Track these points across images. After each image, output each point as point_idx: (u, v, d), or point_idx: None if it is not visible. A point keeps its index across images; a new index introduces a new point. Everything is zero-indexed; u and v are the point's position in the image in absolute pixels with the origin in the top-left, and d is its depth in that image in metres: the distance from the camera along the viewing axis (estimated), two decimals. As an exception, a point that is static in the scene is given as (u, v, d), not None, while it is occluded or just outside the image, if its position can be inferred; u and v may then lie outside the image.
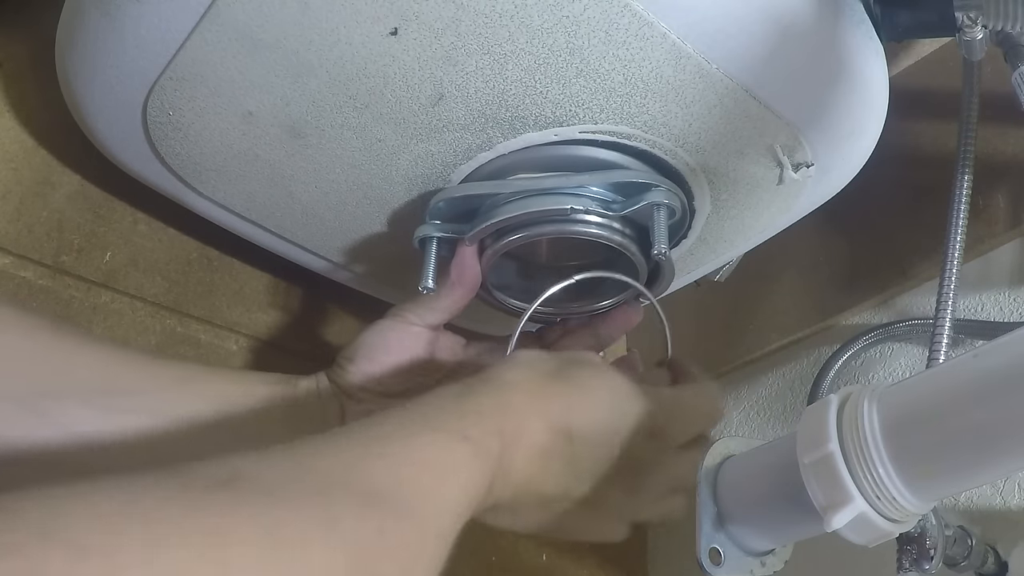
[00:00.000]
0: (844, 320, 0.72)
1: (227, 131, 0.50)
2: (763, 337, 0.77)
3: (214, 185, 0.54)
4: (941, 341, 0.50)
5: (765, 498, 0.45)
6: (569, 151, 0.49)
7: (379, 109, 0.47)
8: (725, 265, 0.65)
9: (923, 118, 0.71)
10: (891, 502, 0.38)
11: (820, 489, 0.39)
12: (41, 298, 0.57)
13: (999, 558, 0.55)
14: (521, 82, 0.45)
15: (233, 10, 0.42)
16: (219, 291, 0.66)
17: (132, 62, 0.46)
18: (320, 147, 0.50)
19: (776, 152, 0.50)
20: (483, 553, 0.70)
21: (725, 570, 0.45)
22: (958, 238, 0.52)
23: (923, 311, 0.67)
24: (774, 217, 0.57)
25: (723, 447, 0.48)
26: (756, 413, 0.77)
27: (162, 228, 0.63)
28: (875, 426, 0.39)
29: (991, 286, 0.64)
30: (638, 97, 0.46)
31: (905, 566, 0.48)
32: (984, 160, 0.57)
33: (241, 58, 0.45)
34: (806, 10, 0.44)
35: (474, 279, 0.52)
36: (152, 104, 0.49)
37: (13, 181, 0.57)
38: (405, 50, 0.44)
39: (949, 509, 0.60)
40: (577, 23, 0.42)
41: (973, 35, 0.44)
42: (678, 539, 0.79)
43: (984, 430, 0.36)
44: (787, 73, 0.46)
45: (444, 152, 0.50)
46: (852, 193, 0.56)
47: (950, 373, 0.40)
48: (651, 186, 0.49)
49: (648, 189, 0.49)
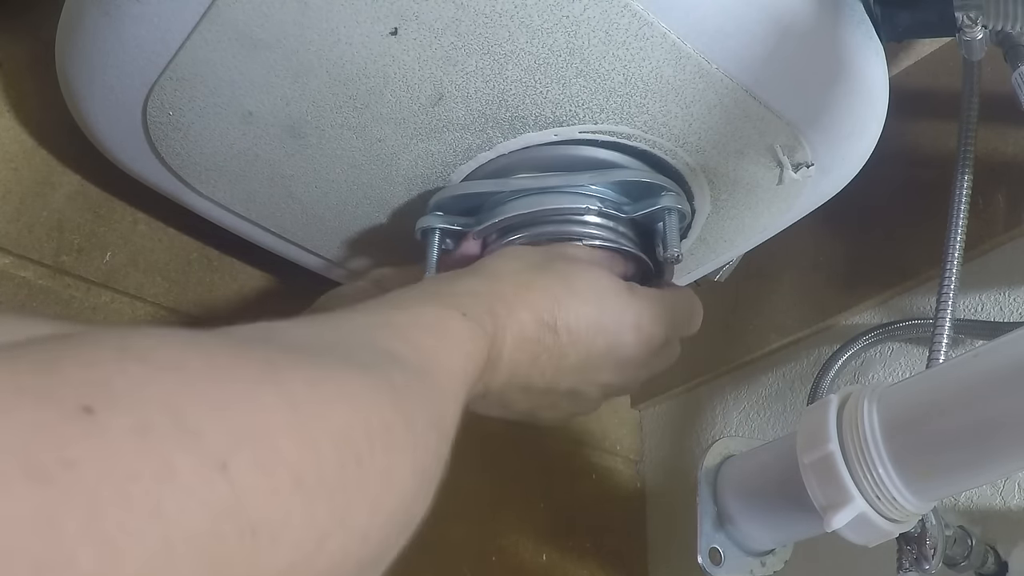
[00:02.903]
0: (844, 320, 0.72)
1: (227, 131, 0.50)
2: (763, 337, 0.77)
3: (214, 185, 0.54)
4: (941, 341, 0.50)
5: (765, 498, 0.45)
6: (569, 151, 0.49)
7: (379, 109, 0.47)
8: (725, 265, 0.65)
9: (923, 118, 0.71)
10: (891, 502, 0.39)
11: (820, 489, 0.40)
12: (41, 298, 0.57)
13: (999, 558, 0.55)
14: (521, 82, 0.45)
15: (233, 10, 0.42)
16: (219, 291, 0.66)
17: (132, 62, 0.46)
18: (320, 147, 0.50)
19: (776, 152, 0.50)
20: (483, 553, 0.70)
21: (725, 570, 0.45)
22: (958, 238, 0.52)
23: (923, 311, 0.67)
24: (774, 217, 0.57)
25: (723, 447, 0.48)
26: (756, 413, 0.77)
27: (162, 228, 0.63)
28: (875, 426, 0.39)
29: (991, 286, 0.64)
30: (638, 97, 0.46)
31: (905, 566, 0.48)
32: (984, 160, 0.56)
33: (241, 58, 0.45)
34: (806, 10, 0.44)
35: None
36: (152, 104, 0.49)
37: (13, 181, 0.57)
38: (405, 50, 0.44)
39: (949, 509, 0.60)
40: (577, 23, 0.42)
41: (973, 35, 0.44)
42: (678, 539, 0.79)
43: (984, 430, 0.36)
44: (787, 73, 0.46)
45: (444, 152, 0.50)
46: (852, 193, 0.56)
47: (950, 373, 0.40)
48: (659, 188, 0.49)
49: (656, 192, 0.49)
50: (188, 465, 0.20)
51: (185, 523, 0.20)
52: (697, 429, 0.82)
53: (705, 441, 0.81)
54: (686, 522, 0.46)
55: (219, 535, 0.21)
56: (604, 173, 0.49)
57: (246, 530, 0.21)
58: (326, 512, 0.24)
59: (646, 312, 0.46)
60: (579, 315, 0.43)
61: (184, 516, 0.20)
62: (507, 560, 0.71)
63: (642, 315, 0.46)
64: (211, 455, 0.21)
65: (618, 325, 0.45)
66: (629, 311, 0.45)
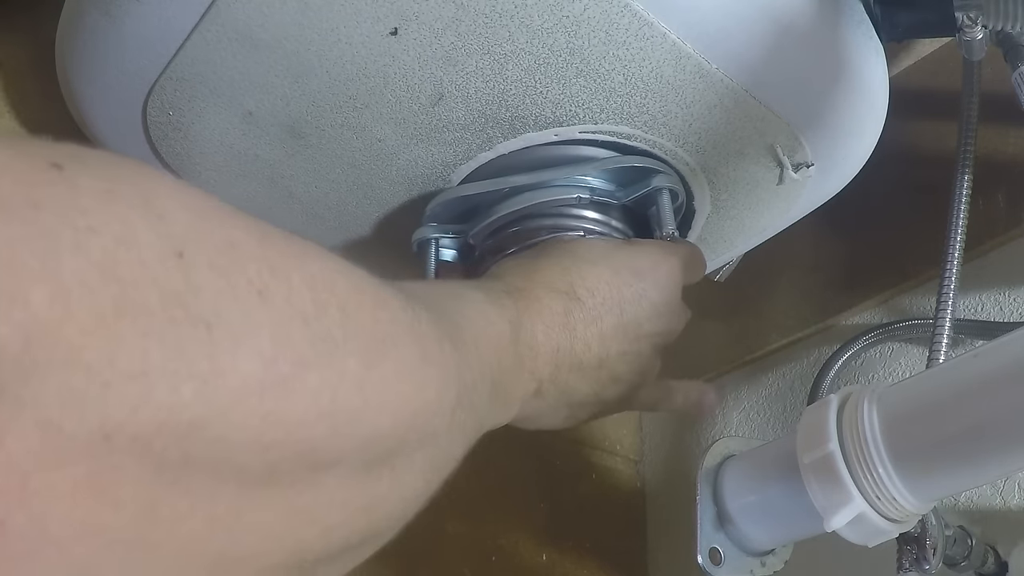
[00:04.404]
0: (844, 320, 0.72)
1: (227, 131, 0.50)
2: (763, 337, 0.77)
3: (214, 185, 0.54)
4: (941, 341, 0.50)
5: (765, 498, 0.45)
6: (570, 151, 0.49)
7: (379, 109, 0.47)
8: (725, 265, 0.65)
9: (923, 118, 0.71)
10: (891, 502, 0.39)
11: (820, 489, 0.39)
12: (41, 298, 0.57)
13: (999, 558, 0.55)
14: (521, 82, 0.45)
15: (233, 10, 0.42)
16: (219, 291, 0.66)
17: (132, 62, 0.46)
18: (320, 147, 0.50)
19: (776, 152, 0.50)
20: (483, 553, 0.70)
21: (725, 570, 0.45)
22: (958, 238, 0.52)
23: (923, 311, 0.67)
24: (774, 217, 0.57)
25: (723, 447, 0.48)
26: (756, 413, 0.77)
27: (162, 228, 0.63)
28: (875, 426, 0.39)
29: (991, 286, 0.64)
30: (638, 97, 0.46)
31: (905, 566, 0.48)
32: (984, 160, 0.56)
33: (241, 58, 0.45)
34: (806, 10, 0.44)
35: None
36: (152, 104, 0.49)
37: (13, 181, 0.57)
38: (405, 50, 0.44)
39: (949, 509, 0.59)
40: (577, 23, 0.42)
41: (973, 35, 0.44)
42: (678, 539, 0.79)
43: (984, 430, 0.36)
44: (787, 73, 0.46)
45: (444, 152, 0.50)
46: (852, 193, 0.56)
47: (950, 373, 0.40)
48: (652, 171, 0.49)
49: (649, 175, 0.49)
50: (147, 239, 0.20)
51: (138, 296, 0.19)
52: (697, 429, 0.81)
53: (705, 441, 0.81)
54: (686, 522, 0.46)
55: (171, 319, 0.20)
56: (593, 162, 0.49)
57: (199, 321, 0.20)
58: (302, 338, 0.23)
59: (654, 252, 0.46)
60: (593, 275, 0.43)
61: (138, 289, 0.19)
62: (507, 560, 0.71)
63: (652, 255, 0.45)
64: (170, 239, 0.20)
65: (635, 270, 0.44)
66: (639, 256, 0.45)
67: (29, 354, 0.17)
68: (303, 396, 0.23)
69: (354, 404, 0.25)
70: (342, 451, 0.25)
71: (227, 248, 0.22)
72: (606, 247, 0.45)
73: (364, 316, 0.26)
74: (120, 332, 0.19)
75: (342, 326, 0.25)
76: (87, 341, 0.18)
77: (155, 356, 0.19)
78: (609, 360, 0.43)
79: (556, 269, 0.42)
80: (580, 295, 0.42)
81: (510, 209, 0.49)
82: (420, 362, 0.28)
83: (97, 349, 0.18)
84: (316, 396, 0.23)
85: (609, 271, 0.43)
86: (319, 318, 0.24)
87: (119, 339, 0.19)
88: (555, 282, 0.42)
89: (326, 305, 0.24)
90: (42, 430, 0.18)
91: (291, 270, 0.24)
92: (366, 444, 0.26)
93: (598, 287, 0.42)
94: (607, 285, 0.43)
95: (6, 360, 0.17)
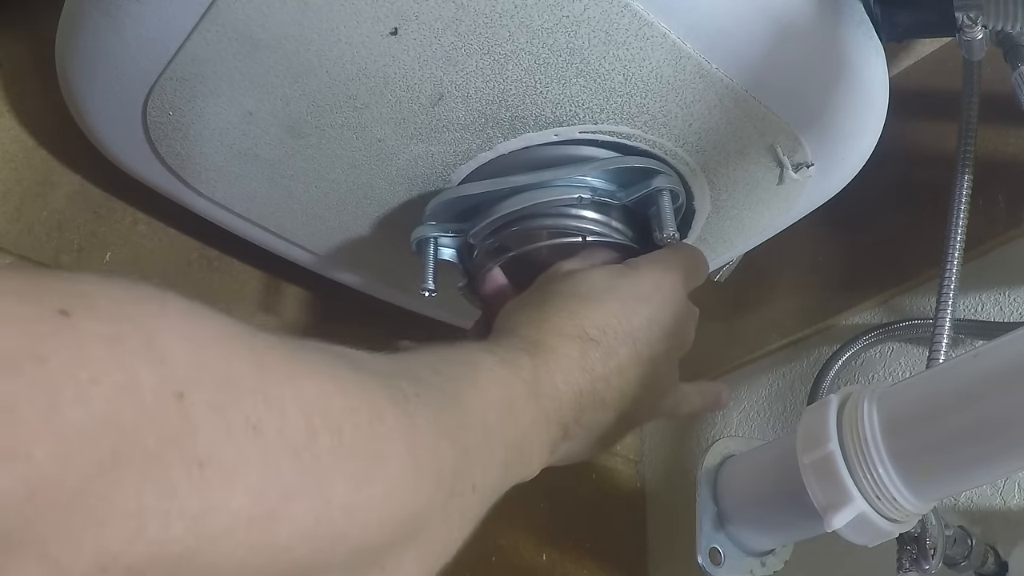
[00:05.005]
0: (844, 320, 0.72)
1: (227, 131, 0.50)
2: (763, 337, 0.77)
3: (214, 185, 0.54)
4: (941, 341, 0.50)
5: (765, 498, 0.45)
6: (570, 151, 0.49)
7: (379, 109, 0.47)
8: (725, 265, 0.65)
9: (923, 118, 0.71)
10: (891, 502, 0.39)
11: (820, 489, 0.40)
12: (41, 298, 0.57)
13: (999, 558, 0.55)
14: (521, 82, 0.45)
15: (233, 10, 0.42)
16: (219, 291, 0.66)
17: (132, 62, 0.46)
18: (320, 147, 0.50)
19: (776, 152, 0.50)
20: (483, 553, 0.70)
21: (725, 570, 0.45)
22: (958, 238, 0.52)
23: (923, 311, 0.67)
24: (774, 217, 0.57)
25: (723, 447, 0.48)
26: (756, 413, 0.77)
27: (162, 228, 0.63)
28: (875, 426, 0.39)
29: (991, 286, 0.64)
30: (638, 97, 0.46)
31: (905, 566, 0.48)
32: (984, 160, 0.56)
33: (241, 58, 0.45)
34: (806, 10, 0.44)
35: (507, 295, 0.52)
36: (152, 104, 0.49)
37: (13, 181, 0.57)
38: (405, 50, 0.43)
39: (949, 509, 0.59)
40: (577, 23, 0.42)
41: (973, 35, 0.44)
42: (678, 539, 0.79)
43: (984, 430, 0.36)
44: (787, 73, 0.46)
45: (444, 152, 0.50)
46: (852, 193, 0.56)
47: (950, 373, 0.40)
48: (652, 172, 0.49)
49: (649, 175, 0.49)
50: (148, 384, 0.21)
51: (137, 441, 0.20)
52: (697, 429, 0.82)
53: (705, 441, 0.81)
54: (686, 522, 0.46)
55: (166, 462, 0.21)
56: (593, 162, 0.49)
57: (193, 462, 0.21)
58: (291, 470, 0.24)
59: (655, 272, 0.46)
60: (601, 313, 0.43)
61: (137, 434, 0.20)
62: (507, 560, 0.71)
63: (653, 276, 0.46)
64: (172, 381, 0.21)
65: (640, 297, 0.45)
66: (641, 280, 0.46)
67: (32, 504, 0.19)
68: (288, 524, 0.24)
69: (340, 527, 0.26)
70: (328, 565, 0.26)
71: (226, 385, 0.23)
72: (607, 279, 0.45)
73: (358, 436, 0.27)
74: (118, 477, 0.20)
75: (333, 452, 0.26)
76: (87, 487, 0.19)
77: (149, 497, 0.21)
78: (630, 388, 0.44)
79: (564, 315, 0.43)
80: (592, 335, 0.42)
81: (510, 209, 0.49)
82: (412, 473, 0.29)
83: (96, 494, 0.20)
84: (301, 522, 0.24)
85: (616, 304, 0.44)
86: (310, 447, 0.25)
87: (117, 483, 0.20)
88: (566, 328, 0.42)
89: (318, 432, 0.25)
90: (41, 564, 0.19)
91: (287, 399, 0.25)
92: (352, 557, 0.27)
93: (608, 323, 0.43)
94: (616, 319, 0.43)
95: (10, 511, 0.18)
